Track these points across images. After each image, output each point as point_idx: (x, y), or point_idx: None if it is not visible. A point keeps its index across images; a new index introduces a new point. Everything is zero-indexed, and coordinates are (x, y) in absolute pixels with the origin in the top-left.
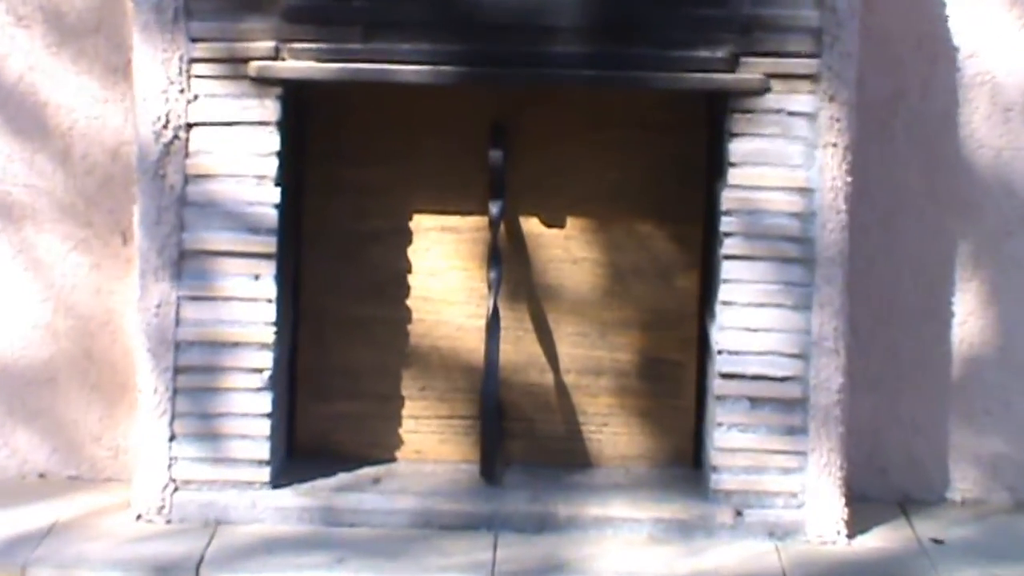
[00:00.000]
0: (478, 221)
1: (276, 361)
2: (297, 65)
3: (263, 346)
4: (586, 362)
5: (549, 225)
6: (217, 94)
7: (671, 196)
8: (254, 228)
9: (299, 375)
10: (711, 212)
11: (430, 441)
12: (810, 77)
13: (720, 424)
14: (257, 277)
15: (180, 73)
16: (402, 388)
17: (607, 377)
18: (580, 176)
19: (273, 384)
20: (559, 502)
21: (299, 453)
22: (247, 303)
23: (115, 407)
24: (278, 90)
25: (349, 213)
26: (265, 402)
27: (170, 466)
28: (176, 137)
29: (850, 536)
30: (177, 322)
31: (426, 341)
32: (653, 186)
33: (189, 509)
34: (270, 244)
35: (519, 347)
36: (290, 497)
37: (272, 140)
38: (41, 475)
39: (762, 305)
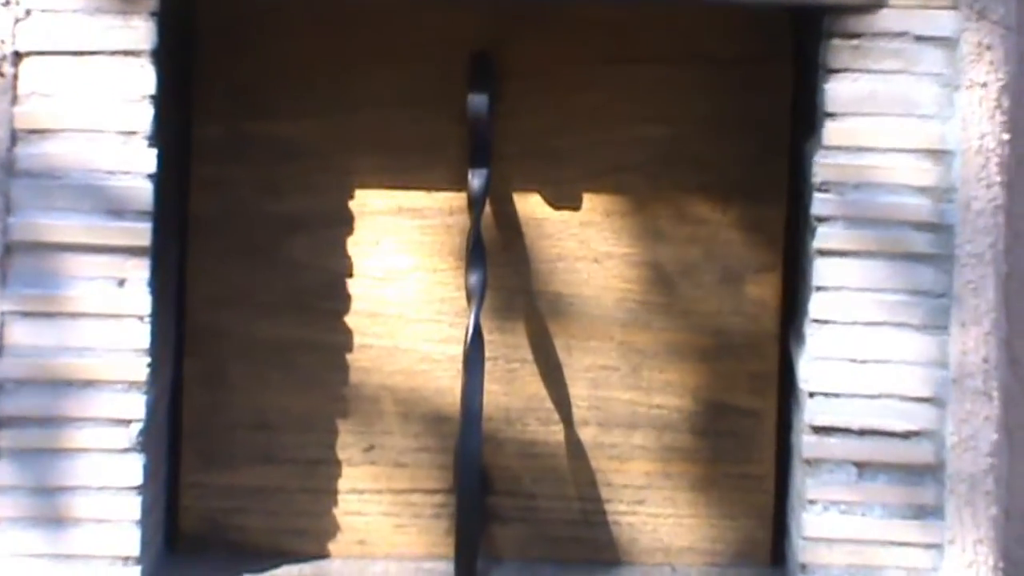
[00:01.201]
0: (452, 199)
1: (150, 408)
2: None
3: (131, 386)
4: (613, 409)
5: (557, 205)
6: (60, 9)
7: (739, 163)
8: (117, 210)
9: (184, 429)
10: (798, 186)
11: (380, 527)
12: None
13: (812, 502)
14: (122, 283)
15: None
16: (339, 448)
17: (644, 432)
18: (602, 133)
19: (145, 443)
20: None
21: (184, 545)
22: (107, 322)
23: None
24: (152, 3)
25: (259, 187)
26: (133, 469)
27: None
28: None
29: None
30: None
31: (374, 378)
32: (712, 148)
33: None
34: (141, 233)
35: (513, 387)
36: None
37: (144, 78)
38: None
39: (874, 324)
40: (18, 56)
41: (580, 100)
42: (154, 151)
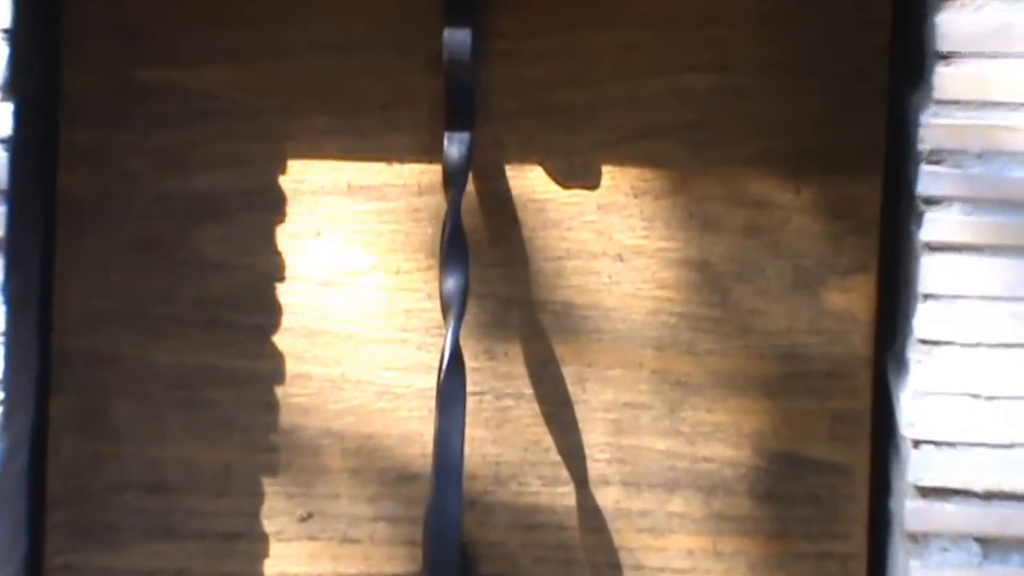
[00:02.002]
0: (421, 174)
1: (3, 463)
2: None
3: None
4: (643, 463)
5: (566, 183)
6: None
7: (817, 124)
8: None
9: (50, 491)
10: (899, 156)
11: None
12: None
13: None
14: None
15: None
16: (264, 517)
17: (686, 494)
18: (629, 85)
19: None
20: None
21: None
22: None
23: None
24: None
25: (156, 158)
26: None
27: None
28: None
29: None
30: None
31: (314, 420)
32: (779, 105)
33: None
34: None
35: (505, 432)
36: None
37: None
38: None
39: (1004, 346)
40: None
41: (599, 39)
42: (10, 106)
